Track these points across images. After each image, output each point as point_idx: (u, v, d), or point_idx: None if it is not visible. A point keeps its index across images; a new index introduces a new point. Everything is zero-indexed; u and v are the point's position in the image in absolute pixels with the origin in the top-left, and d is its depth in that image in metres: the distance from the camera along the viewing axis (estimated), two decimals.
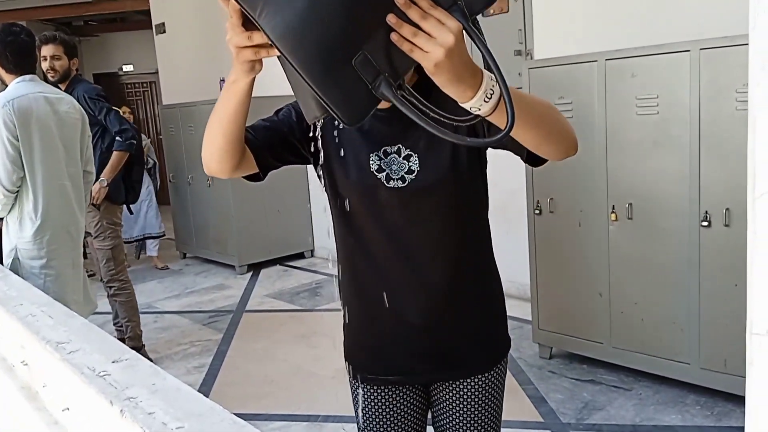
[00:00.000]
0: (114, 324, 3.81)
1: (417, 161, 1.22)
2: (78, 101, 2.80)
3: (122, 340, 3.66)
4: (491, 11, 4.07)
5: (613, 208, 2.88)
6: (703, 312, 2.67)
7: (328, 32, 0.78)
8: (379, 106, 1.23)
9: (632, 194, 2.82)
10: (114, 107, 3.77)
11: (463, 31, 0.80)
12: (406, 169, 1.22)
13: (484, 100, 0.85)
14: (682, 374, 2.79)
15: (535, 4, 3.95)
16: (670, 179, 2.70)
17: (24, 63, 2.50)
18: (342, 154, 1.25)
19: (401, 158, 1.23)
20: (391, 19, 0.78)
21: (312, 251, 5.99)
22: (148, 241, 6.00)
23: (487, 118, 0.89)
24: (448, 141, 1.21)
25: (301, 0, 0.76)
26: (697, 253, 2.65)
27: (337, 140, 1.25)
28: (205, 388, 3.28)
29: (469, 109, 0.87)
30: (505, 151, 1.18)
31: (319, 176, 1.32)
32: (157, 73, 7.93)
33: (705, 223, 2.61)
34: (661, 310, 2.81)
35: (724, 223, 2.56)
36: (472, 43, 0.81)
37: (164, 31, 7.34)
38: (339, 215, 1.30)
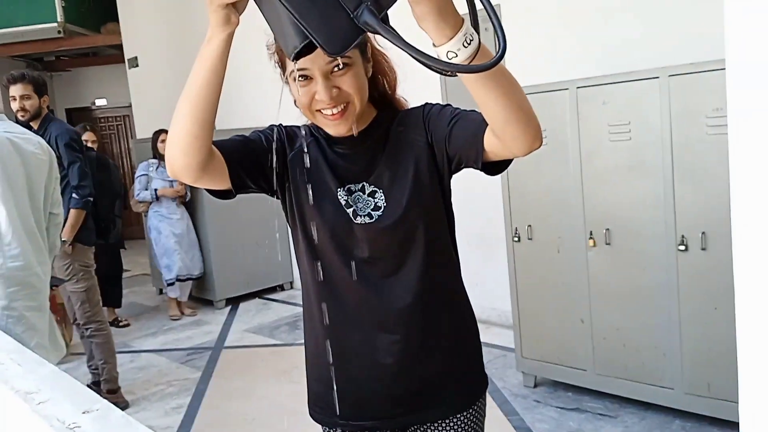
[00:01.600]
0: (89, 366, 3.71)
1: (383, 197, 1.20)
2: (49, 143, 2.74)
3: (97, 383, 3.56)
4: None
5: (591, 234, 2.89)
6: (685, 336, 2.67)
7: None
8: (340, 144, 1.23)
9: (609, 220, 2.84)
10: (87, 152, 3.67)
11: None
12: (372, 206, 1.20)
13: (463, 45, 0.83)
14: (666, 400, 2.78)
15: (506, 34, 4.01)
16: (646, 204, 2.72)
17: None
18: (311, 187, 1.22)
19: (366, 195, 1.21)
20: None
21: (291, 283, 5.93)
22: (180, 284, 5.23)
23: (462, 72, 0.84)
24: (410, 174, 1.20)
25: None
26: (675, 277, 2.66)
27: (306, 173, 1.23)
28: (183, 430, 3.19)
29: (444, 56, 0.83)
30: (477, 178, 1.16)
31: (284, 209, 1.28)
32: (130, 106, 7.88)
33: (682, 247, 2.62)
34: (643, 335, 2.80)
35: (701, 246, 2.58)
36: None
37: (137, 65, 7.33)
38: (305, 251, 1.26)
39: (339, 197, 1.21)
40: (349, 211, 1.20)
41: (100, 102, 10.03)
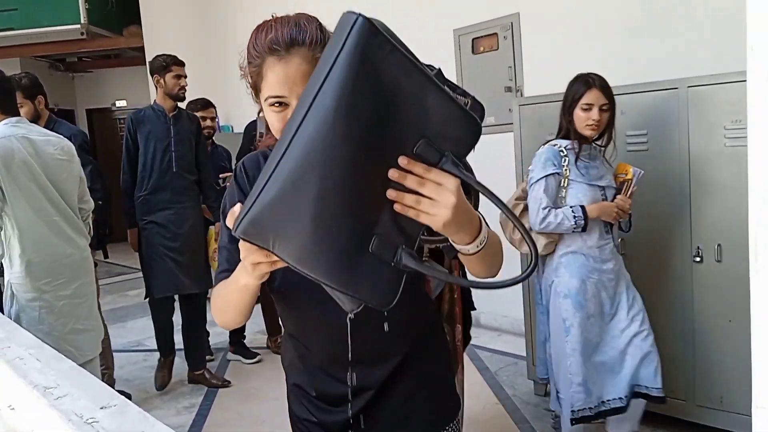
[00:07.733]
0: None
1: None
2: None
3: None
4: (481, 49, 4.14)
5: None
6: (698, 348, 2.66)
7: (339, 239, 0.79)
8: None
9: None
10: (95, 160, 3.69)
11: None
12: None
13: (477, 246, 0.92)
14: (677, 412, 2.76)
15: (524, 43, 4.02)
16: (662, 215, 2.72)
17: (6, 104, 2.51)
18: None
19: None
20: (391, 194, 0.79)
21: None
22: None
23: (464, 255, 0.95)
24: None
25: (306, 222, 0.77)
26: (690, 288, 2.65)
27: None
28: (195, 429, 3.22)
29: (456, 247, 0.92)
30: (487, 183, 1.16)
31: None
32: None
33: (697, 259, 2.61)
34: None
35: (716, 258, 2.56)
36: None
37: None
38: (278, 299, 1.28)
39: None
40: None
41: (120, 103, 10.15)
